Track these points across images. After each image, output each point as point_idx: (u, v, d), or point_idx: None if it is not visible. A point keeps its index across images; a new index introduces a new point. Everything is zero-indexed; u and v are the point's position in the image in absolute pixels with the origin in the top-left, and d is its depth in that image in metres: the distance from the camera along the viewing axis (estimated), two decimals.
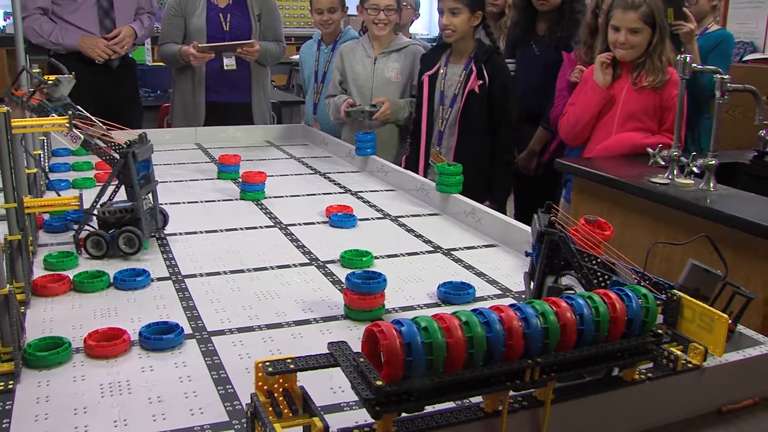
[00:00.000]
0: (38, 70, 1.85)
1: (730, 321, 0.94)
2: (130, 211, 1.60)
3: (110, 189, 1.62)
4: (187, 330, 1.23)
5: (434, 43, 3.98)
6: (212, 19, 3.26)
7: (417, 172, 2.60)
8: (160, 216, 1.74)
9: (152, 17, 3.45)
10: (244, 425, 0.93)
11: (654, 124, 2.59)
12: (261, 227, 1.86)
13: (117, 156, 1.55)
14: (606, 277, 1.03)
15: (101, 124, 1.59)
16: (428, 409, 0.80)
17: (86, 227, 1.60)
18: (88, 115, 1.59)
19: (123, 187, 1.60)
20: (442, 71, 2.80)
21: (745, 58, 5.09)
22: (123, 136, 1.65)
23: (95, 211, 1.60)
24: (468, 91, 2.70)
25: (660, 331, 0.93)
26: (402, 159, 2.95)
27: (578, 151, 2.80)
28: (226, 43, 3.20)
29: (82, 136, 1.53)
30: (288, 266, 1.57)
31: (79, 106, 1.61)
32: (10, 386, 1.03)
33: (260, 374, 0.80)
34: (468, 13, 2.67)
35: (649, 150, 2.28)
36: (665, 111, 2.56)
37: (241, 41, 3.23)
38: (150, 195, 1.70)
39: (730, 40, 3.29)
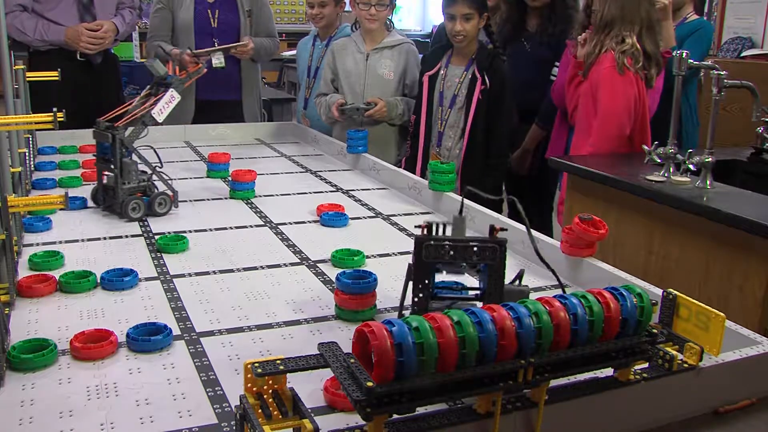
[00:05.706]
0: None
1: None
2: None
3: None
4: (176, 331, 1.21)
5: (428, 40, 3.94)
6: (200, 13, 3.23)
7: (416, 173, 2.58)
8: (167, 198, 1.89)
9: (134, 12, 3.39)
10: (233, 427, 0.91)
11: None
12: (251, 226, 1.84)
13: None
14: None
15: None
16: (420, 410, 0.79)
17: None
18: None
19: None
20: (442, 72, 2.79)
21: (743, 54, 5.03)
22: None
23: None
24: (477, 98, 2.69)
25: (655, 330, 0.92)
26: (402, 160, 2.93)
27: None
28: (218, 47, 3.17)
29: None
30: (278, 266, 1.56)
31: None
32: None
33: (249, 375, 0.79)
34: (478, 17, 2.68)
35: (645, 147, 2.27)
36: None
37: (233, 43, 3.19)
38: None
39: (708, 28, 3.30)
